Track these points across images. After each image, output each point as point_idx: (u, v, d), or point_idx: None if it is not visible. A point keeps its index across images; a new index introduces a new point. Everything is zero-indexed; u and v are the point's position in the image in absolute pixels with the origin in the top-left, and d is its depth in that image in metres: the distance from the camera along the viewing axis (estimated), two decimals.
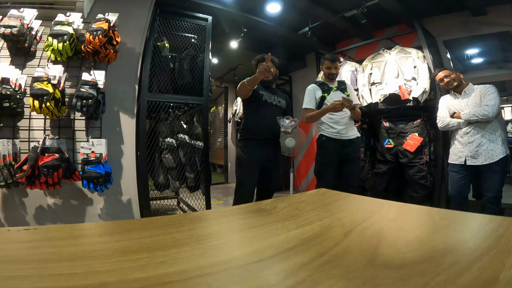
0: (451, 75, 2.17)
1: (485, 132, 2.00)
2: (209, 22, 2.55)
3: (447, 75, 2.18)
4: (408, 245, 0.35)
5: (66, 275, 0.25)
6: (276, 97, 2.05)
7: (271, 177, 2.05)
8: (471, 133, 2.05)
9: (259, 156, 1.92)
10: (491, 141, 1.99)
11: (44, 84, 1.69)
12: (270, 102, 2.01)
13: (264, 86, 2.03)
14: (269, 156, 1.96)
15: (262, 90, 2.00)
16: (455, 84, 2.15)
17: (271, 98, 2.02)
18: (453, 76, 2.16)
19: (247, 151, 1.94)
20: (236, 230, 0.47)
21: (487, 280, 0.21)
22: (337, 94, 2.25)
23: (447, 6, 2.91)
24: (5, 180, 1.64)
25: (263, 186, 2.05)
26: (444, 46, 3.09)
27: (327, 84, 2.33)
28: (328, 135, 2.24)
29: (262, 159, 1.93)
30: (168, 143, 2.37)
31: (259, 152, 1.93)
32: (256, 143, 1.94)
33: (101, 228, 0.48)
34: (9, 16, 1.74)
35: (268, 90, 2.03)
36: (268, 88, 2.05)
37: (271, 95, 2.03)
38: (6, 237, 0.38)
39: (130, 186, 2.13)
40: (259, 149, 1.93)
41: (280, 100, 2.08)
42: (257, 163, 1.93)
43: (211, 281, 0.24)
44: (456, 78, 2.15)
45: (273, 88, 2.11)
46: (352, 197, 0.71)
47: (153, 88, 2.32)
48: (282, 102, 2.09)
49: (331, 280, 0.24)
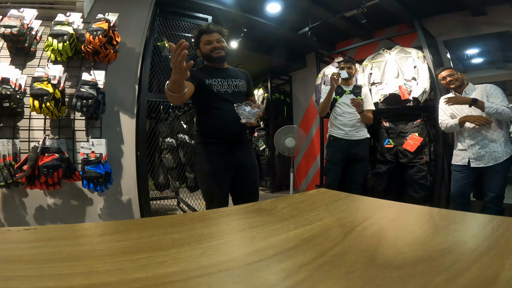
0: (455, 74, 2.15)
1: (489, 133, 1.99)
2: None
3: (450, 74, 2.16)
4: (408, 245, 0.35)
5: (66, 275, 0.25)
6: (231, 81, 1.51)
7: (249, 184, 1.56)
8: (474, 135, 2.04)
9: (226, 163, 1.45)
10: (495, 142, 1.97)
11: (44, 84, 1.69)
12: (224, 91, 1.47)
13: (213, 69, 1.51)
14: (239, 159, 1.49)
15: (210, 77, 1.46)
16: (457, 84, 2.13)
17: (224, 85, 1.48)
18: (456, 76, 2.14)
19: (208, 159, 1.45)
20: (236, 230, 0.47)
21: (487, 280, 0.21)
22: (349, 98, 2.37)
23: (447, 6, 2.91)
24: (5, 180, 1.64)
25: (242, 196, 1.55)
26: (444, 46, 3.09)
27: (341, 86, 2.44)
28: (336, 135, 2.39)
29: (231, 166, 1.47)
30: (168, 143, 2.37)
31: (225, 158, 1.45)
32: (218, 148, 1.45)
33: (101, 228, 0.48)
34: (9, 16, 1.74)
35: (219, 75, 1.49)
36: (219, 72, 1.51)
37: (224, 81, 1.49)
38: (6, 237, 0.38)
39: (130, 186, 2.13)
40: (224, 155, 1.46)
41: (238, 83, 1.53)
42: (224, 173, 1.46)
43: (211, 281, 0.24)
44: (459, 78, 2.14)
45: (225, 68, 1.55)
46: (352, 197, 0.71)
47: (153, 88, 2.32)
48: (241, 84, 1.54)
49: (331, 280, 0.24)
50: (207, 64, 1.55)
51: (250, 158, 1.55)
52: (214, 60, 1.50)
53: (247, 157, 1.53)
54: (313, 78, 3.85)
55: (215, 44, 1.47)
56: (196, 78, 1.39)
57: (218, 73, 1.50)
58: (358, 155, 2.39)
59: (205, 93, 1.43)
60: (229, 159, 1.45)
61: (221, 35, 1.51)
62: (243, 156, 1.51)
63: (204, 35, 1.50)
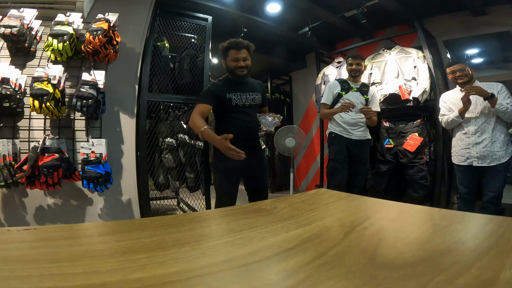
0: (465, 70, 2.09)
1: (494, 132, 1.98)
2: (209, 22, 2.55)
3: (461, 69, 2.09)
4: (408, 245, 0.35)
5: (66, 275, 0.25)
6: (249, 95, 1.70)
7: (259, 183, 1.79)
8: (478, 134, 2.03)
9: (239, 165, 1.60)
10: (499, 142, 1.97)
11: (44, 84, 1.69)
12: (242, 105, 1.68)
13: (234, 83, 1.69)
14: (251, 161, 1.63)
15: (230, 92, 1.65)
16: (465, 80, 2.09)
17: (242, 99, 1.68)
18: (466, 72, 2.08)
19: (222, 159, 1.60)
20: (236, 230, 0.47)
21: (487, 280, 0.21)
22: (355, 95, 2.28)
23: (447, 6, 2.91)
24: (5, 180, 1.64)
25: (253, 194, 1.78)
26: (444, 46, 3.09)
27: (348, 82, 2.34)
28: (338, 132, 2.28)
29: (243, 168, 1.65)
30: (168, 143, 2.37)
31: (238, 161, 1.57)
32: None
33: (101, 228, 0.48)
34: (9, 16, 1.74)
35: (238, 89, 1.68)
36: (239, 85, 1.69)
37: (242, 95, 1.68)
38: (6, 237, 0.38)
39: (130, 186, 2.13)
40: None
41: (254, 96, 1.72)
42: (236, 172, 1.67)
43: (211, 281, 0.24)
44: (468, 74, 2.08)
45: (245, 81, 1.73)
46: (352, 197, 0.70)
47: (153, 88, 2.32)
48: (257, 97, 1.74)
49: (331, 280, 0.24)
50: (229, 77, 1.71)
51: (260, 159, 1.80)
52: (237, 77, 1.67)
53: (257, 158, 1.74)
54: (313, 78, 3.85)
55: (241, 63, 1.64)
56: (216, 95, 1.63)
57: (238, 87, 1.68)
58: (358, 156, 2.28)
59: (225, 105, 1.63)
60: (241, 161, 1.52)
61: (248, 51, 1.67)
62: (254, 158, 1.68)
63: (232, 50, 1.64)
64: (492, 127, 2.00)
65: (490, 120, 2.01)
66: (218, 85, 1.70)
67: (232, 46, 1.65)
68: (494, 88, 2.02)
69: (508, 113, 1.92)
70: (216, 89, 1.67)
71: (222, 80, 1.73)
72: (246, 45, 1.66)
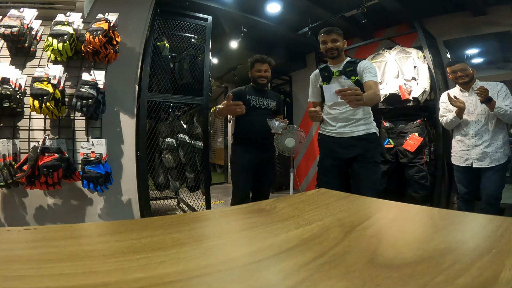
0: (467, 70, 2.07)
1: (494, 134, 1.98)
2: (209, 22, 2.55)
3: (463, 69, 2.08)
4: (408, 245, 0.35)
5: (66, 275, 0.25)
6: (265, 100, 2.04)
7: (265, 178, 2.06)
8: (478, 136, 2.02)
9: (251, 159, 1.95)
10: (498, 143, 1.97)
11: (44, 84, 1.69)
12: (258, 106, 2.00)
13: (255, 89, 2.05)
14: (261, 158, 1.99)
15: (250, 94, 2.00)
16: (465, 80, 2.08)
17: (259, 102, 2.02)
18: (468, 72, 2.07)
19: (239, 155, 1.99)
20: (236, 230, 0.47)
21: (487, 280, 0.21)
22: (340, 82, 1.72)
23: (447, 6, 2.91)
24: (5, 180, 1.64)
25: (258, 187, 2.05)
26: (444, 46, 3.09)
27: (328, 68, 1.80)
28: (325, 133, 1.83)
29: (255, 162, 1.96)
30: (168, 143, 2.37)
31: (251, 155, 1.96)
32: (247, 147, 1.97)
33: (101, 228, 0.48)
34: (9, 16, 1.74)
35: (257, 94, 2.03)
36: (259, 92, 2.05)
37: (260, 99, 2.02)
38: (6, 237, 0.38)
39: (130, 186, 2.13)
40: (250, 152, 1.96)
41: (270, 102, 2.07)
42: (250, 166, 1.96)
43: (211, 281, 0.24)
44: (469, 74, 2.08)
45: (264, 90, 2.09)
46: (352, 197, 0.70)
47: (153, 88, 2.32)
48: (272, 104, 2.08)
49: (331, 280, 0.24)
50: (252, 85, 2.08)
51: (270, 158, 2.09)
52: (258, 84, 2.04)
53: (267, 156, 2.05)
54: None
55: (263, 73, 2.02)
56: (239, 95, 1.96)
57: (258, 92, 2.04)
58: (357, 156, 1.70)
59: (245, 105, 1.82)
60: (253, 156, 1.96)
61: (270, 65, 2.05)
62: (264, 155, 2.02)
63: (257, 63, 2.03)
64: (492, 129, 1.99)
65: (490, 121, 2.01)
66: (241, 89, 2.06)
67: (258, 60, 2.03)
68: (494, 87, 2.02)
69: (508, 115, 1.92)
70: (239, 91, 2.03)
71: (246, 87, 2.09)
72: (269, 61, 2.04)
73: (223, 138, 6.48)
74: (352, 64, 1.73)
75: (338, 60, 1.77)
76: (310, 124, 4.48)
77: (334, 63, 1.79)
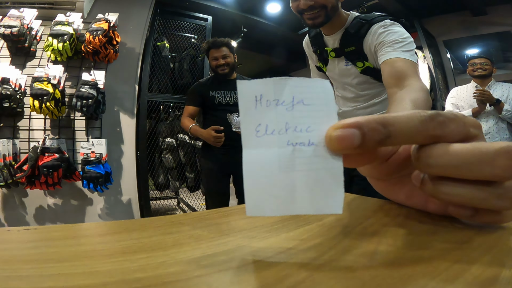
0: (487, 65, 2.01)
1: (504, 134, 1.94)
2: (209, 22, 2.55)
3: (483, 62, 2.02)
4: (408, 245, 0.35)
5: (66, 275, 0.25)
6: (233, 94, 1.67)
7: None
8: (489, 136, 1.96)
9: (224, 162, 1.64)
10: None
11: (44, 84, 1.69)
12: (226, 103, 1.66)
13: (220, 81, 1.67)
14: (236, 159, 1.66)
15: (213, 90, 1.65)
16: (482, 73, 2.01)
17: (226, 97, 1.67)
18: (487, 67, 2.00)
19: (209, 158, 1.69)
20: (236, 230, 0.47)
21: (487, 280, 0.21)
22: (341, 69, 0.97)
23: (447, 6, 2.91)
24: (5, 180, 1.64)
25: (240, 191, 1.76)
26: (444, 46, 3.09)
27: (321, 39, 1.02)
28: None
29: (228, 166, 1.66)
30: (168, 143, 2.37)
31: (223, 158, 1.64)
32: (217, 149, 1.62)
33: (101, 228, 0.48)
34: (9, 16, 1.75)
35: (222, 87, 1.66)
36: (223, 84, 1.67)
37: (226, 93, 1.67)
38: (6, 237, 0.38)
39: (130, 186, 2.13)
40: (223, 154, 1.64)
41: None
42: (223, 171, 1.68)
43: (211, 281, 0.24)
44: (488, 69, 2.01)
45: (232, 79, 1.69)
46: (352, 197, 0.71)
47: (153, 88, 2.32)
48: None
49: (331, 280, 0.24)
50: (215, 76, 1.70)
51: None
52: (219, 75, 1.65)
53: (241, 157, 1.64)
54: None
55: (220, 61, 1.61)
56: (200, 94, 1.65)
57: (224, 85, 1.65)
58: None
59: (208, 103, 1.64)
60: (226, 160, 1.60)
61: (228, 48, 1.63)
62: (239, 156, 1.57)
63: (211, 50, 1.62)
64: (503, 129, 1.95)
65: (500, 122, 1.97)
66: (202, 83, 1.72)
67: (211, 46, 1.64)
68: (510, 89, 1.97)
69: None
70: (199, 88, 1.69)
71: (209, 79, 1.76)
72: (226, 43, 1.64)
73: None
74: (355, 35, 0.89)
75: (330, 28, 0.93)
76: None
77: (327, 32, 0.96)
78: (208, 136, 1.54)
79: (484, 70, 2.01)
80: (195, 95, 1.68)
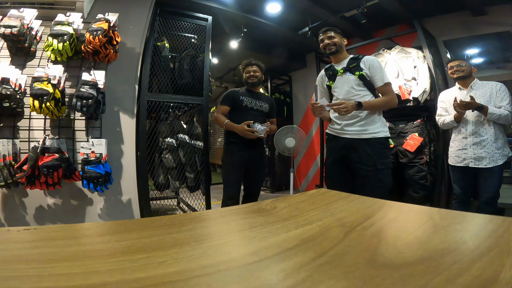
0: (463, 66, 2.09)
1: (492, 134, 1.97)
2: (209, 22, 2.55)
3: (458, 64, 2.11)
4: (408, 245, 0.35)
5: (66, 275, 0.25)
6: (258, 102, 2.11)
7: (256, 175, 2.14)
8: (476, 135, 2.01)
9: (242, 157, 2.01)
10: (496, 143, 1.96)
11: (44, 84, 1.69)
12: (251, 107, 2.07)
13: (249, 91, 2.12)
14: (252, 155, 2.05)
15: (243, 95, 2.08)
16: (460, 75, 2.08)
17: (252, 103, 2.08)
18: (463, 68, 2.08)
19: (230, 154, 2.05)
20: (236, 230, 0.47)
21: (487, 280, 0.21)
22: (345, 79, 1.72)
23: (447, 6, 2.91)
24: (5, 180, 1.64)
25: (250, 184, 2.15)
26: (444, 46, 3.09)
27: (333, 67, 1.82)
28: (331, 132, 1.80)
29: (245, 161, 2.03)
30: (168, 143, 2.37)
31: (241, 153, 2.01)
32: (237, 146, 2.02)
33: (101, 228, 0.48)
34: (9, 16, 1.74)
35: (250, 95, 2.10)
36: (251, 93, 2.12)
37: (253, 100, 2.09)
38: (6, 237, 0.38)
39: (130, 186, 2.13)
40: (241, 151, 2.01)
41: (262, 104, 2.13)
42: (241, 164, 2.02)
43: (211, 281, 0.24)
44: (466, 70, 2.08)
45: (257, 92, 2.16)
46: (352, 197, 0.70)
47: (153, 88, 2.32)
48: (264, 106, 2.14)
49: (331, 280, 0.24)
50: (246, 88, 2.16)
51: (260, 154, 2.15)
52: (248, 84, 2.13)
53: (257, 153, 2.11)
54: (313, 78, 3.84)
55: (251, 73, 2.12)
56: (232, 97, 2.08)
57: (251, 94, 2.12)
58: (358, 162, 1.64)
59: (237, 105, 2.06)
60: (244, 154, 2.02)
61: (259, 67, 2.15)
62: (255, 152, 2.07)
63: (248, 67, 2.15)
64: (490, 129, 1.99)
65: (488, 121, 2.00)
66: (236, 90, 2.14)
67: (247, 64, 2.15)
68: (493, 87, 2.02)
69: (502, 119, 1.92)
70: (233, 93, 2.11)
71: (241, 88, 2.18)
72: (257, 63, 2.15)
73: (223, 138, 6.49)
74: (355, 60, 1.73)
75: (340, 58, 1.79)
76: (310, 124, 4.48)
77: (337, 60, 1.80)
78: (242, 129, 1.94)
79: (461, 72, 2.08)
80: (230, 97, 2.08)
